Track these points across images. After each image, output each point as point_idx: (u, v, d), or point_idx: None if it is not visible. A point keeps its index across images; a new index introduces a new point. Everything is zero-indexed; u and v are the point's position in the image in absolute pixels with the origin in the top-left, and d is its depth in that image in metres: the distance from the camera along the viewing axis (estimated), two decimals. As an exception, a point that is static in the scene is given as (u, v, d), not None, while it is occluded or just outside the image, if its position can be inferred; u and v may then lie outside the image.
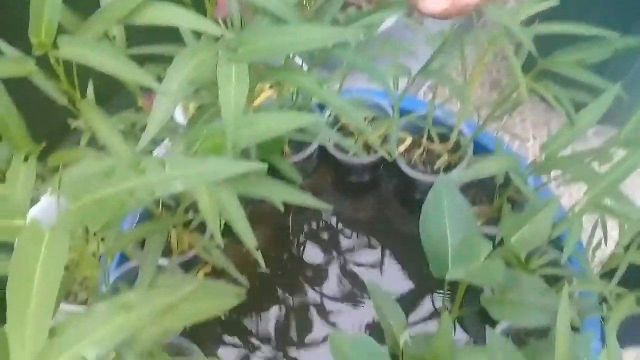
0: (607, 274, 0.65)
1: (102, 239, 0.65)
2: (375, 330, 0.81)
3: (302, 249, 0.89)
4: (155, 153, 0.80)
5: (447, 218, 0.57)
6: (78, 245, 0.49)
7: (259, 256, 0.50)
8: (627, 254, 0.58)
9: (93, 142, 0.71)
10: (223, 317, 0.82)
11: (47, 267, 0.37)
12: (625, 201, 0.56)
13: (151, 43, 0.66)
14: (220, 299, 0.43)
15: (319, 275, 0.86)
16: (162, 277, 0.56)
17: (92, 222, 0.40)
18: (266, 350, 0.80)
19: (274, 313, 0.83)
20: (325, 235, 0.90)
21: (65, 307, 0.79)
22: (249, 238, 0.48)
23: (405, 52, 0.75)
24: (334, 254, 0.88)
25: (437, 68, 0.71)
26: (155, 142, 0.91)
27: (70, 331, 0.36)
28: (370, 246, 0.89)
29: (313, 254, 0.88)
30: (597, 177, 0.56)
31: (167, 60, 0.54)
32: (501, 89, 1.69)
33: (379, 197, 0.94)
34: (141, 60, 0.61)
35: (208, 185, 0.49)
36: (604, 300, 0.68)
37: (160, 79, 0.51)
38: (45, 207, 0.68)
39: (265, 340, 0.81)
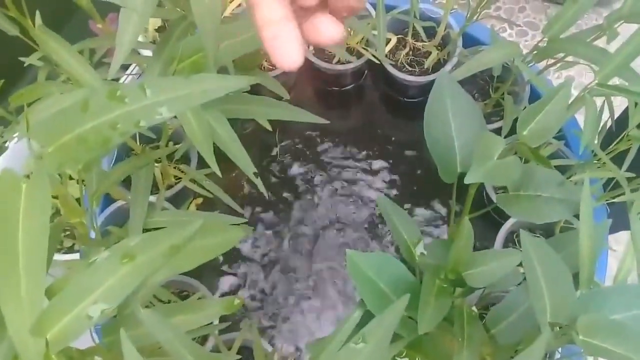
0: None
1: (82, 181, 0.60)
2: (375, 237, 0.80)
3: (292, 168, 0.85)
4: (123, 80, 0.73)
5: (451, 118, 0.53)
6: (58, 191, 0.44)
7: (259, 183, 0.46)
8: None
9: (51, 78, 0.64)
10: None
11: (29, 219, 0.33)
12: (636, 78, 0.52)
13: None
14: (226, 233, 0.39)
15: (312, 193, 0.83)
16: (155, 215, 0.52)
17: (72, 164, 0.35)
18: (267, 275, 0.78)
19: (272, 236, 0.80)
20: (313, 151, 0.86)
21: (54, 258, 0.75)
22: (246, 164, 0.44)
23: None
24: (325, 169, 0.84)
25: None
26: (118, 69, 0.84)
27: (71, 288, 0.33)
28: (362, 156, 0.85)
29: (304, 172, 0.84)
30: (607, 55, 0.52)
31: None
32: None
33: (366, 105, 0.89)
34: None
35: (194, 109, 0.43)
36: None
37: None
38: (14, 154, 0.62)
39: (266, 264, 0.79)
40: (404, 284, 0.46)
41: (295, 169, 0.85)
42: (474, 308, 0.47)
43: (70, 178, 0.74)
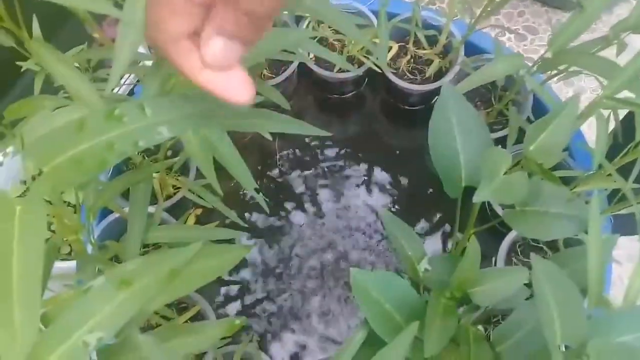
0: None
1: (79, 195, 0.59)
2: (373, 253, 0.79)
3: (292, 176, 0.84)
4: (116, 92, 0.72)
5: (456, 133, 0.52)
6: (54, 209, 0.43)
7: (260, 198, 0.45)
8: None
9: (46, 84, 0.63)
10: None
11: (24, 244, 0.32)
12: (645, 92, 0.51)
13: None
14: (226, 254, 0.38)
15: (313, 202, 0.82)
16: (152, 229, 0.51)
17: (66, 185, 0.34)
18: (268, 285, 0.77)
19: (273, 245, 0.79)
20: (314, 159, 0.85)
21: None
22: (247, 181, 0.43)
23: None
24: (326, 177, 0.83)
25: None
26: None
27: (67, 316, 0.32)
28: (363, 164, 0.84)
29: (304, 180, 0.83)
30: (615, 68, 0.51)
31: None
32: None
33: (366, 112, 0.88)
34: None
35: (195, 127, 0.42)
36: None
37: (118, 5, 0.43)
38: (9, 168, 0.61)
39: (267, 273, 0.78)
40: (409, 303, 0.45)
41: (296, 177, 0.84)
42: (480, 327, 0.46)
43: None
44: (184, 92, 0.49)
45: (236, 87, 0.27)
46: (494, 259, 0.73)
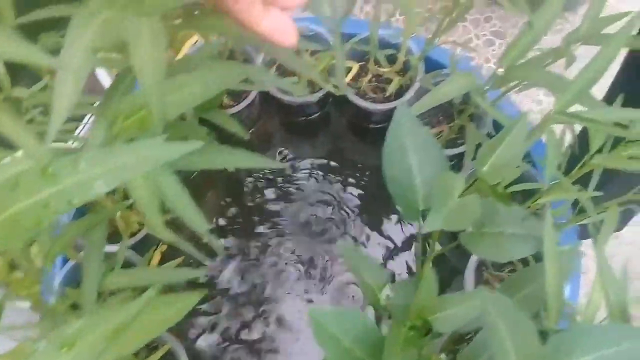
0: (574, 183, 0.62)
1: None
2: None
3: (262, 201, 0.83)
4: (78, 132, 0.71)
5: (411, 155, 0.52)
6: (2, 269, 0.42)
7: (212, 240, 0.45)
8: (603, 158, 0.54)
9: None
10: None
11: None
12: (595, 104, 0.52)
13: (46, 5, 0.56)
14: (178, 302, 0.38)
15: (286, 227, 0.81)
16: (112, 276, 0.50)
17: (5, 245, 0.33)
18: (240, 317, 0.76)
19: (244, 270, 0.78)
20: (282, 183, 0.85)
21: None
22: (198, 224, 0.42)
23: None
24: (296, 200, 0.83)
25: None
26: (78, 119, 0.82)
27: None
28: (333, 185, 0.84)
29: (274, 207, 0.83)
30: (565, 83, 0.52)
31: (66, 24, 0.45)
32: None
33: (332, 132, 0.88)
34: (35, 29, 0.52)
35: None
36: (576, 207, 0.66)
37: (59, 51, 0.42)
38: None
39: (240, 304, 0.77)
40: (370, 337, 0.44)
41: (266, 201, 0.83)
42: (442, 355, 0.46)
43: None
44: (130, 134, 0.48)
45: (287, 32, 0.34)
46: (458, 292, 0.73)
